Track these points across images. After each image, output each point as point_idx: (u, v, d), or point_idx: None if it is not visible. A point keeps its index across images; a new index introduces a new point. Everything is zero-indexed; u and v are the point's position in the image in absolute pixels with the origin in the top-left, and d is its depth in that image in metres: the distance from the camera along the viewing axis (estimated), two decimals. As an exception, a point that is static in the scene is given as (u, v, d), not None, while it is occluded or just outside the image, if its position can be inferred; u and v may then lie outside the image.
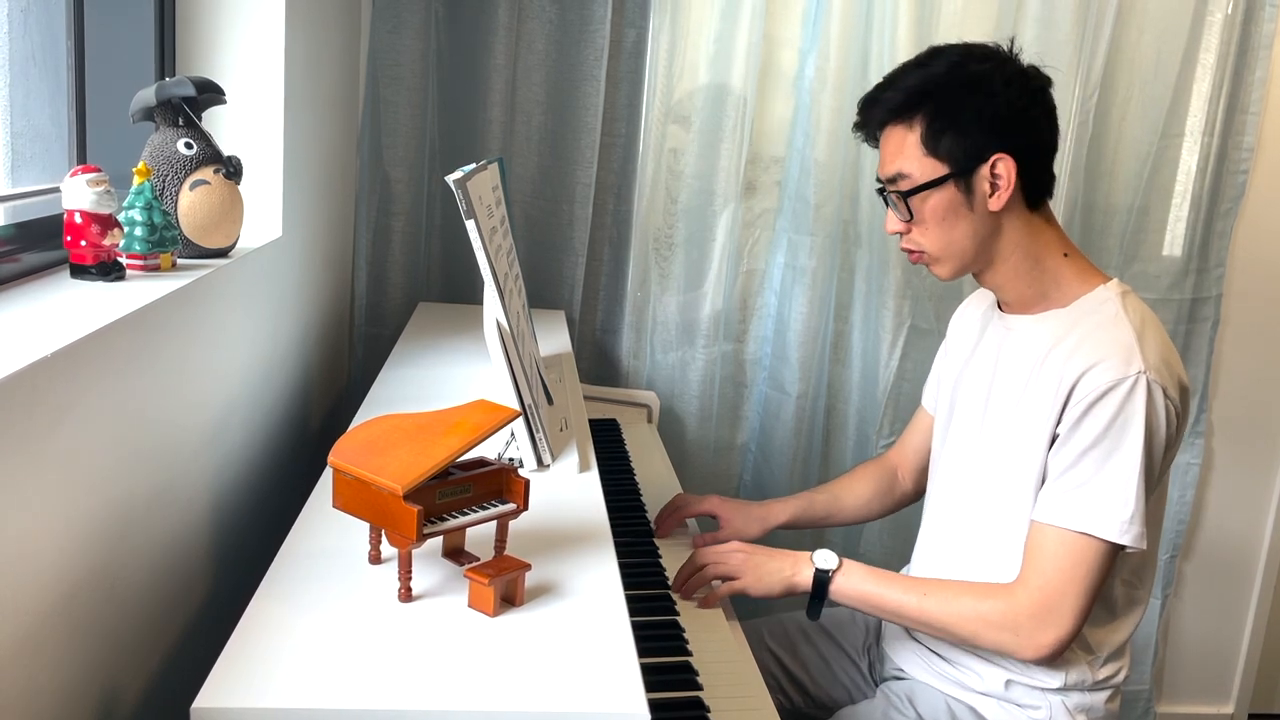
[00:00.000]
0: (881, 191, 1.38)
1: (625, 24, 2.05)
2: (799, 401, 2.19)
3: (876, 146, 1.39)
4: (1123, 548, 1.25)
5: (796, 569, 1.38)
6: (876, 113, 1.36)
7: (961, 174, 1.30)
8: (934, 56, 1.34)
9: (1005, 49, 1.33)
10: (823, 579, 1.36)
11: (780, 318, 2.20)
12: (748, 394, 2.26)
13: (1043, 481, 1.30)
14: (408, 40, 1.99)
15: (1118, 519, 1.23)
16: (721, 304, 2.17)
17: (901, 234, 1.37)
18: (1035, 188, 1.33)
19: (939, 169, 1.30)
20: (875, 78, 2.06)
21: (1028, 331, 1.36)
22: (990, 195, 1.30)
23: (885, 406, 2.21)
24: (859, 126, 1.39)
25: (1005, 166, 1.29)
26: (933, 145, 1.30)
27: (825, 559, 1.37)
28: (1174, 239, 2.30)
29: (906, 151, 1.31)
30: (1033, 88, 1.32)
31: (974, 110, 1.29)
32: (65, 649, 0.83)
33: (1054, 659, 1.29)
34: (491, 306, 1.21)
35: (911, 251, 1.37)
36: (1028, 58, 1.34)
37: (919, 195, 1.31)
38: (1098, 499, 1.24)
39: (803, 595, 1.38)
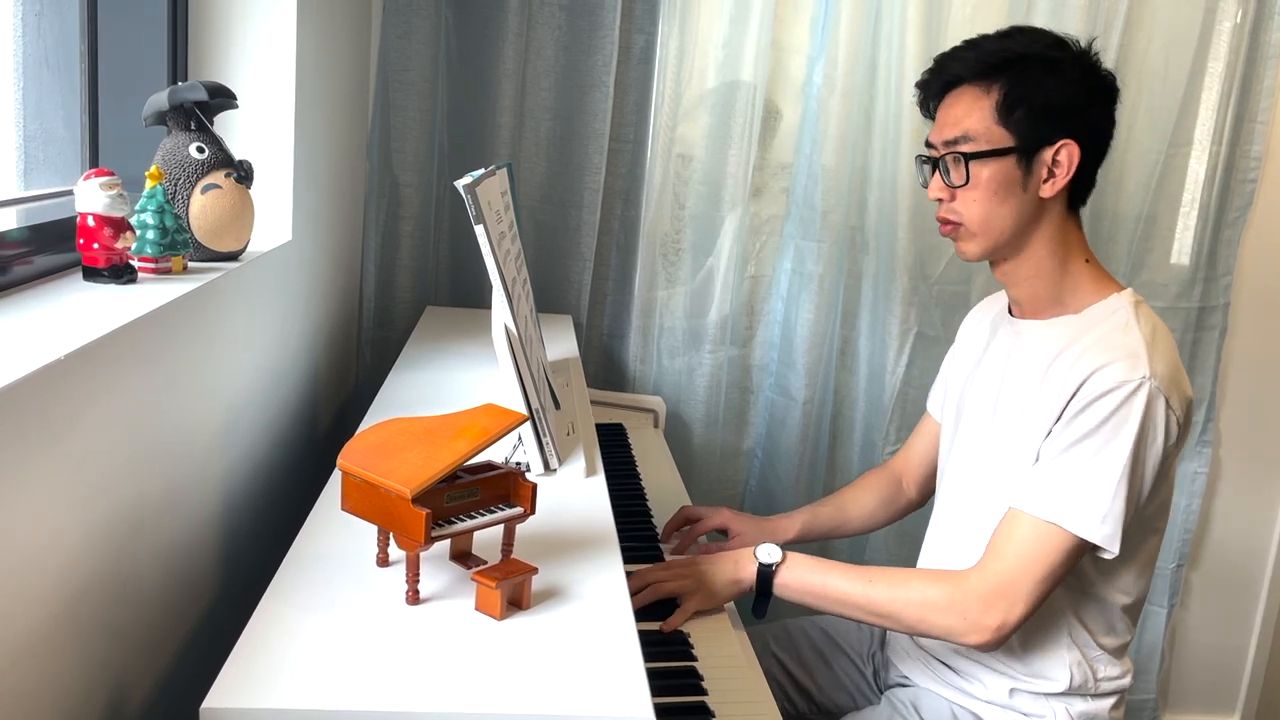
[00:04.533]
0: (927, 159, 1.37)
1: (634, 30, 2.05)
2: (805, 407, 2.20)
3: (930, 114, 1.38)
4: (1094, 547, 1.24)
5: (740, 567, 1.36)
6: (953, 69, 1.34)
7: (1025, 151, 1.30)
8: (1017, 32, 1.34)
9: (1082, 44, 1.33)
10: (766, 573, 1.34)
11: (787, 323, 2.21)
12: (754, 400, 2.26)
13: None
14: (418, 45, 2.00)
15: (1091, 515, 1.23)
16: (728, 309, 2.17)
17: (941, 201, 1.35)
18: (1081, 188, 1.34)
19: (1006, 139, 1.30)
20: (884, 84, 2.09)
21: (1038, 336, 1.36)
22: (1045, 181, 1.30)
23: (892, 413, 2.21)
24: (924, 85, 1.38)
25: (1068, 154, 1.29)
26: (1005, 115, 1.29)
27: (769, 553, 1.35)
28: (1182, 247, 2.30)
29: (977, 115, 1.30)
30: (1106, 87, 1.33)
31: (1050, 92, 1.29)
32: (75, 648, 0.84)
33: (995, 646, 1.27)
34: (499, 311, 1.22)
35: (946, 222, 1.36)
36: None
37: (980, 161, 1.30)
38: (1074, 492, 1.23)
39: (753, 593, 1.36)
